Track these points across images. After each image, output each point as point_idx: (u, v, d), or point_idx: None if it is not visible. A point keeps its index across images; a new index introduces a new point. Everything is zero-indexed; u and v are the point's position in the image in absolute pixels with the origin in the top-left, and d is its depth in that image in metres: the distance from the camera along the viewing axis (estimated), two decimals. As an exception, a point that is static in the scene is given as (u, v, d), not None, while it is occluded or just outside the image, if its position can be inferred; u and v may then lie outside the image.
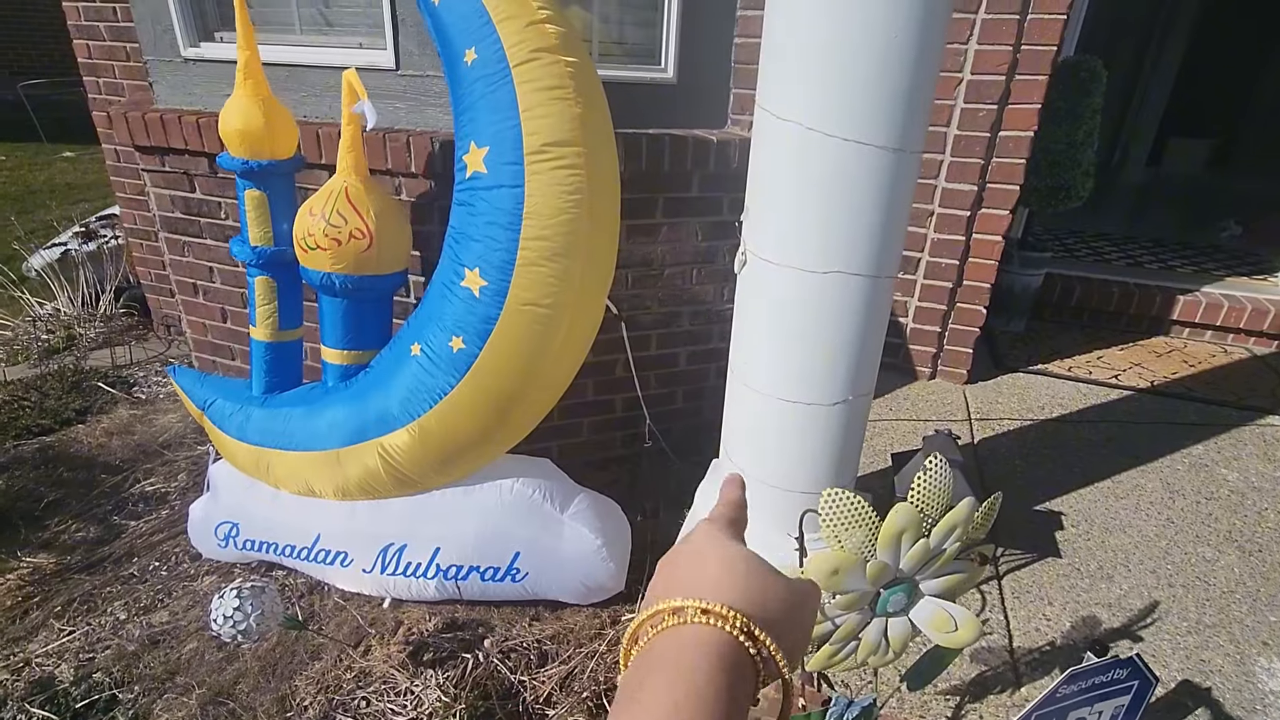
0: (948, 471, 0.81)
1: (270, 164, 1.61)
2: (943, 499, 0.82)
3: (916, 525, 0.79)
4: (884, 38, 0.95)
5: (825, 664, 0.90)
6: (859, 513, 0.79)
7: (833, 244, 1.06)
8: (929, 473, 0.80)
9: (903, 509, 0.78)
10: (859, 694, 1.26)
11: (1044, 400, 2.24)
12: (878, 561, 0.80)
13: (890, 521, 0.79)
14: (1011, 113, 1.97)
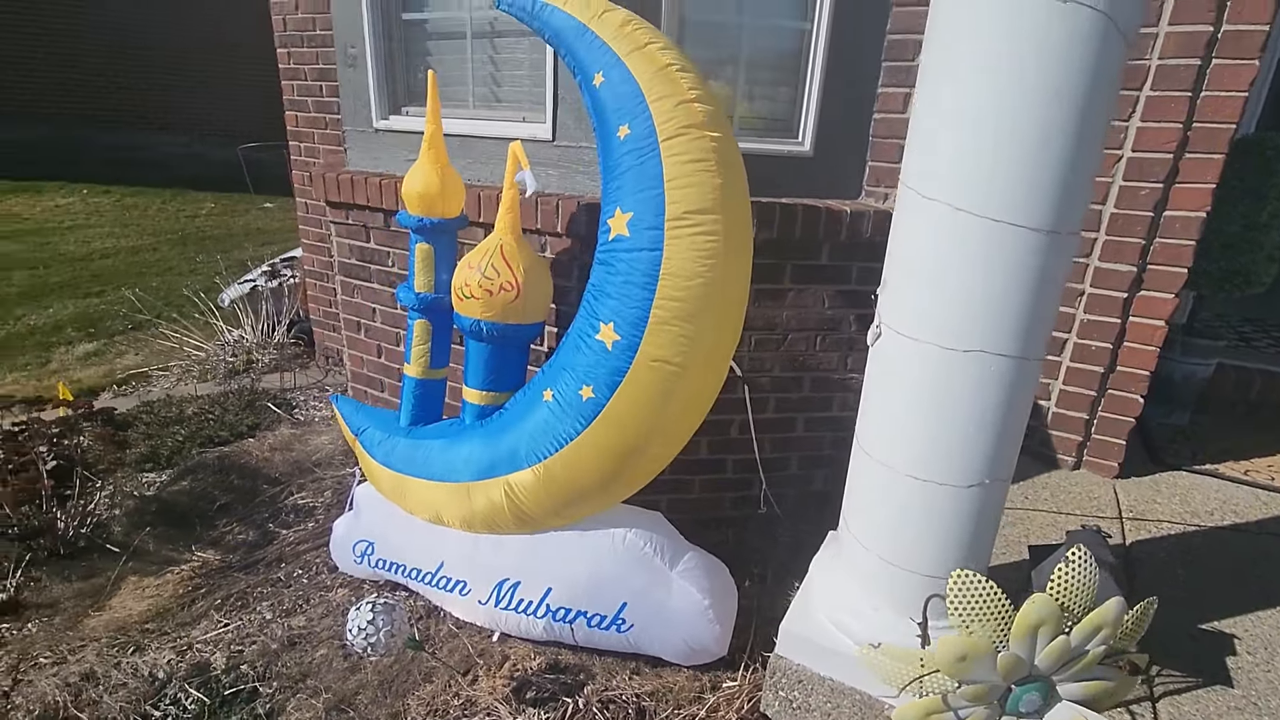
0: (1094, 567, 0.76)
1: (440, 222, 1.81)
2: (1087, 596, 0.76)
3: (1056, 620, 0.75)
4: (1041, 126, 0.95)
5: (949, 762, 0.85)
6: (993, 599, 0.75)
7: (977, 323, 1.04)
8: (1072, 564, 0.76)
9: (1041, 600, 0.74)
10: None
11: (1213, 505, 2.00)
12: (1010, 654, 0.76)
13: (1026, 612, 0.75)
14: (1179, 192, 1.85)
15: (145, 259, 6.72)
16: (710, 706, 1.65)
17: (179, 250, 7.04)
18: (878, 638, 1.12)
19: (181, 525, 2.37)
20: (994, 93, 0.99)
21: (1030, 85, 0.96)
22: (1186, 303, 2.62)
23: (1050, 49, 0.93)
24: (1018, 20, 0.94)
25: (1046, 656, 0.77)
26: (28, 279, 5.86)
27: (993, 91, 0.99)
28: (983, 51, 0.99)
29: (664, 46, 1.54)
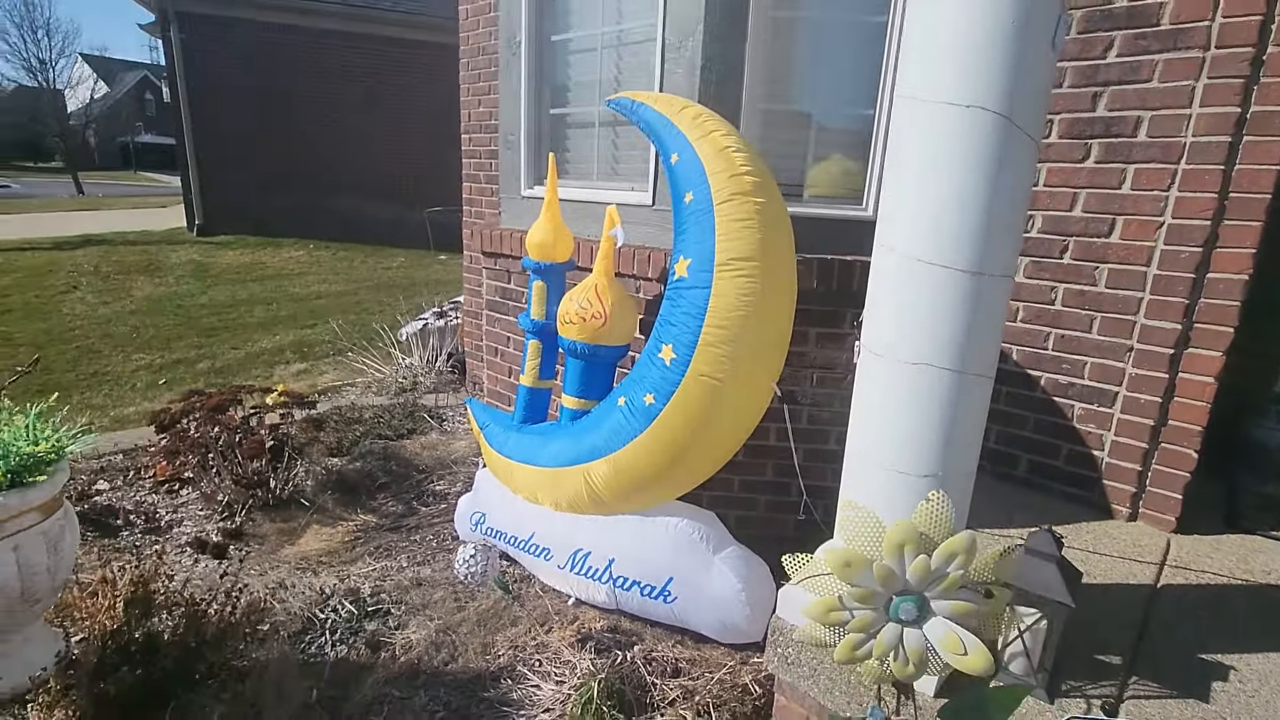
0: (950, 507, 1.04)
1: (551, 265, 2.37)
2: (944, 529, 1.04)
3: (915, 541, 1.03)
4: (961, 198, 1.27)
5: (849, 656, 1.14)
6: (871, 522, 1.06)
7: (913, 342, 1.35)
8: (931, 504, 1.05)
9: (901, 524, 1.04)
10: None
11: (1272, 567, 1.97)
12: (884, 565, 1.05)
13: (891, 533, 1.04)
14: (1220, 256, 1.96)
15: (349, 300, 8.14)
16: (732, 670, 1.93)
17: (374, 294, 8.43)
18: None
19: (352, 494, 3.05)
20: (933, 174, 1.33)
21: (954, 167, 1.29)
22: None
23: (963, 141, 1.26)
24: (940, 122, 1.28)
25: (914, 572, 1.05)
26: (264, 312, 7.35)
27: (932, 173, 1.33)
28: (919, 144, 1.33)
29: (726, 133, 2.00)
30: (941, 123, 1.27)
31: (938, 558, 1.03)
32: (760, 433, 2.37)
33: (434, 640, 2.14)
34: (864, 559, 1.05)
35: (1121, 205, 2.08)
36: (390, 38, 11.63)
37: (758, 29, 2.36)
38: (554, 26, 2.96)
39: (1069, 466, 2.31)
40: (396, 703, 1.91)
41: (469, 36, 4.04)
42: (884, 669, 1.11)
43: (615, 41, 2.76)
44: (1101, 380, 2.20)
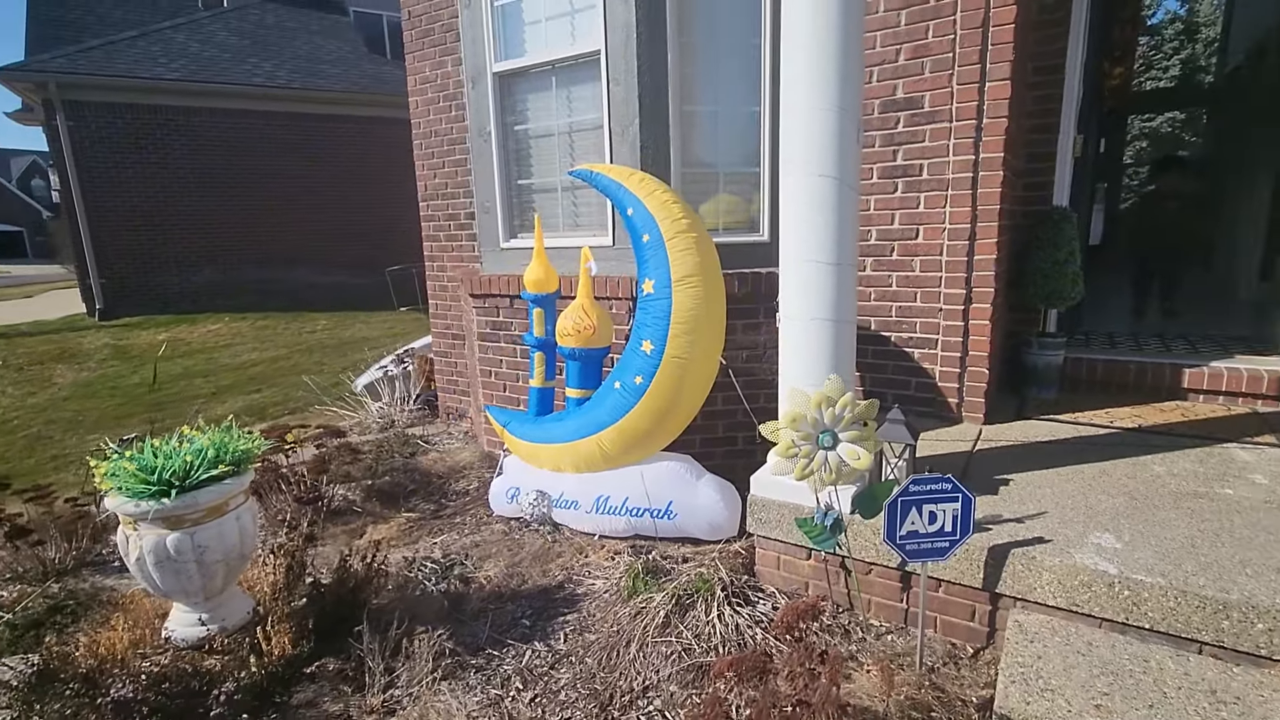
0: (842, 385, 2.04)
1: (546, 296, 3.26)
2: (839, 393, 2.04)
3: (826, 401, 2.02)
4: (824, 220, 2.32)
5: (801, 473, 2.10)
6: (805, 396, 2.03)
7: (811, 307, 2.37)
8: (830, 381, 2.04)
9: (817, 392, 2.02)
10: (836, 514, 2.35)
11: (1043, 433, 3.15)
12: (812, 415, 2.03)
13: (815, 397, 2.02)
14: (979, 246, 3.15)
15: (284, 364, 8.48)
16: (723, 549, 2.86)
17: (307, 357, 8.80)
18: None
19: (391, 500, 3.72)
20: (808, 211, 2.36)
21: (818, 207, 2.33)
22: (1048, 316, 3.86)
23: (818, 192, 2.31)
24: (809, 183, 2.32)
25: (828, 419, 2.03)
26: (205, 384, 7.61)
27: (807, 210, 2.36)
28: (801, 194, 2.37)
29: (665, 190, 2.99)
30: (810, 183, 2.32)
31: (838, 408, 2.00)
32: (711, 401, 3.34)
33: (506, 573, 2.91)
34: (802, 415, 2.00)
35: (920, 219, 3.26)
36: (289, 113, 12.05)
37: (676, 119, 3.41)
38: (517, 119, 3.89)
39: (917, 393, 3.44)
40: (496, 611, 2.67)
41: (420, 123, 4.87)
42: (819, 476, 2.06)
43: (569, 129, 3.73)
44: (927, 333, 3.36)
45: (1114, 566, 2.02)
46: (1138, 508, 2.38)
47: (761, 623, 2.41)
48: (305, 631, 2.34)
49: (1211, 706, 1.74)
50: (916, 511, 2.04)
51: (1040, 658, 1.96)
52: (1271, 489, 2.49)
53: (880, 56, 3.18)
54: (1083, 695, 1.81)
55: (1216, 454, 2.84)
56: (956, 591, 2.28)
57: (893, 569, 2.38)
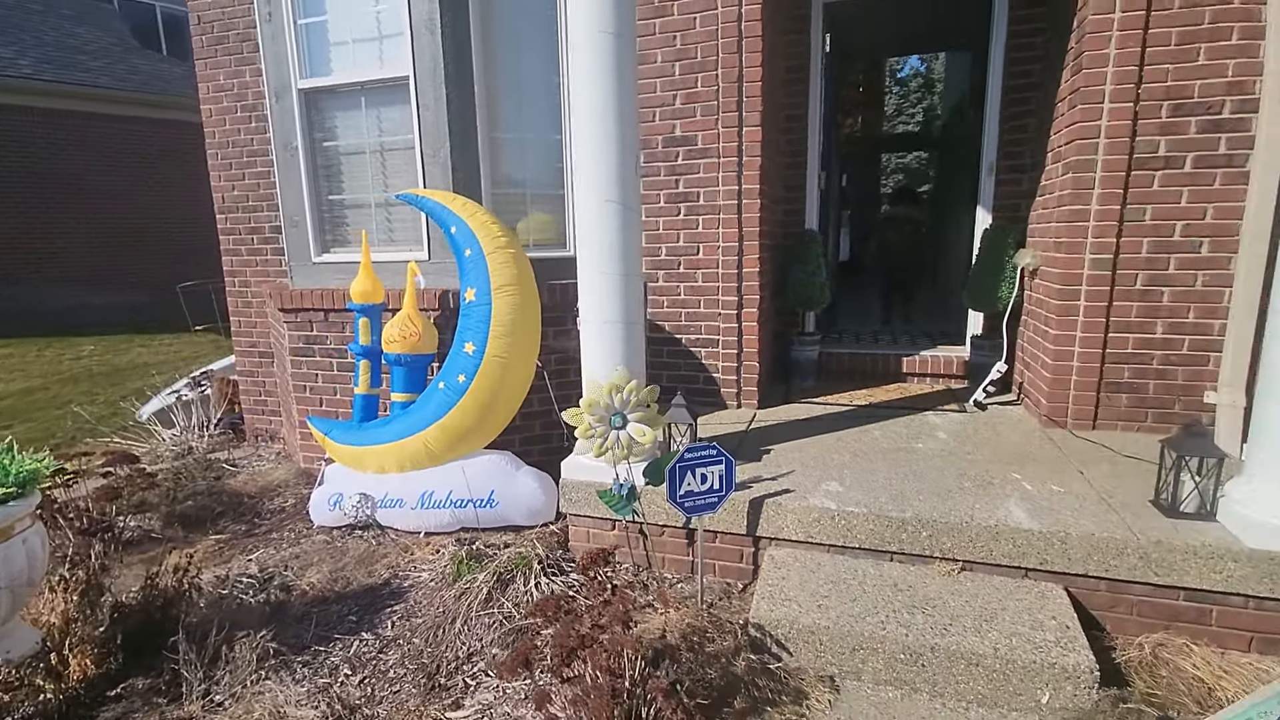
0: (629, 374, 2.47)
1: (373, 306, 3.39)
2: (625, 383, 2.46)
3: (611, 389, 2.43)
4: (609, 239, 2.75)
5: (599, 450, 2.50)
6: (600, 386, 2.43)
7: (605, 312, 2.79)
8: (618, 372, 2.46)
9: (608, 381, 2.43)
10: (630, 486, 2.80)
11: (801, 413, 3.88)
12: (605, 400, 2.43)
13: (605, 386, 2.43)
14: (746, 260, 3.81)
15: (42, 397, 7.41)
16: (542, 531, 3.19)
17: (72, 388, 7.76)
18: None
19: (196, 525, 3.57)
20: (598, 230, 2.78)
21: (608, 226, 2.76)
22: (807, 318, 4.67)
23: (605, 214, 2.74)
24: (600, 206, 2.75)
25: (618, 403, 2.44)
26: (-58, 422, 6.42)
27: (597, 230, 2.79)
28: (593, 215, 2.78)
29: (484, 212, 3.28)
30: (598, 206, 2.74)
31: (626, 393, 2.43)
32: (528, 403, 3.66)
33: (330, 578, 2.99)
34: (596, 400, 2.40)
35: (700, 238, 3.86)
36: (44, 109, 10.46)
37: (485, 144, 3.71)
38: (326, 135, 3.95)
39: (705, 386, 4.03)
40: (320, 613, 2.76)
41: (216, 132, 4.69)
42: (613, 453, 2.48)
43: (380, 148, 3.87)
44: (710, 334, 3.96)
45: (835, 504, 2.65)
46: (858, 461, 3.09)
47: (574, 586, 2.77)
48: (111, 650, 2.29)
49: (894, 593, 2.40)
50: (691, 475, 2.51)
51: (784, 579, 2.52)
52: (948, 442, 3.34)
53: (661, 100, 3.74)
54: (810, 599, 2.38)
55: (918, 420, 3.71)
56: (728, 540, 2.81)
57: (680, 528, 2.86)
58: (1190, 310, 3.09)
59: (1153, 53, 2.91)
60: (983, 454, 3.14)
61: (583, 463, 2.87)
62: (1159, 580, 2.28)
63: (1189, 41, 2.88)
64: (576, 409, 2.61)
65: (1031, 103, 3.94)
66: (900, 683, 2.20)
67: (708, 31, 3.57)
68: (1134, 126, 2.98)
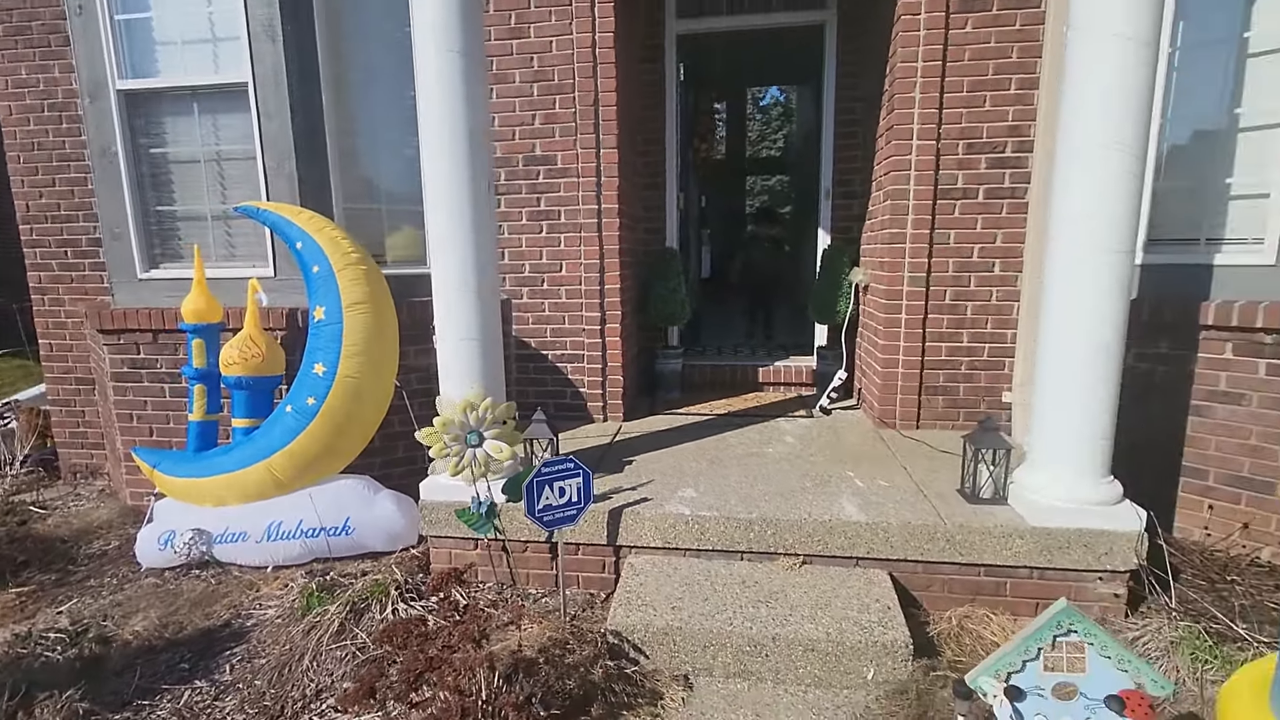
0: (483, 391, 2.47)
1: (208, 325, 3.15)
2: (480, 401, 2.47)
3: (469, 406, 2.43)
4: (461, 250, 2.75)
5: (455, 469, 2.47)
6: (454, 404, 2.41)
7: (461, 330, 2.78)
8: (472, 389, 2.46)
9: (462, 400, 2.43)
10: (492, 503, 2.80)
11: (664, 424, 4.03)
12: (461, 417, 2.42)
13: (459, 404, 2.42)
14: (608, 277, 3.93)
15: None
16: (401, 555, 3.09)
17: None
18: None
19: (-8, 576, 3.13)
20: (453, 247, 2.77)
21: (455, 243, 2.76)
22: (671, 333, 4.86)
23: (458, 232, 2.74)
24: (448, 222, 2.74)
25: (473, 421, 2.44)
26: None
27: (452, 247, 2.77)
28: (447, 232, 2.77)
29: (333, 227, 3.16)
30: (451, 224, 2.74)
31: (481, 410, 2.43)
32: (388, 424, 3.54)
33: (160, 624, 2.73)
34: (451, 419, 2.38)
35: (562, 256, 3.92)
36: None
37: (336, 156, 3.58)
38: (152, 141, 3.64)
39: (572, 400, 4.09)
40: (146, 663, 2.52)
41: (18, 133, 4.19)
42: (471, 471, 2.46)
43: (217, 157, 3.63)
44: (575, 350, 4.03)
45: (690, 510, 2.78)
46: (713, 468, 3.26)
47: (431, 610, 2.71)
48: None
49: (742, 590, 2.56)
50: (549, 489, 2.55)
51: (642, 585, 2.62)
52: (794, 446, 3.60)
53: (520, 119, 3.78)
54: (665, 603, 2.49)
55: (770, 426, 3.97)
56: (590, 551, 2.87)
57: (543, 543, 2.89)
58: (988, 321, 3.55)
59: (949, 98, 3.34)
60: (824, 455, 3.42)
61: (440, 482, 2.83)
62: (963, 560, 2.60)
63: (978, 90, 3.33)
64: (431, 428, 2.57)
65: (858, 136, 4.37)
66: (747, 674, 2.35)
67: (564, 55, 3.67)
68: (937, 161, 3.40)
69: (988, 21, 3.27)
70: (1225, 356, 2.94)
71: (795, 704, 2.24)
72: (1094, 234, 2.33)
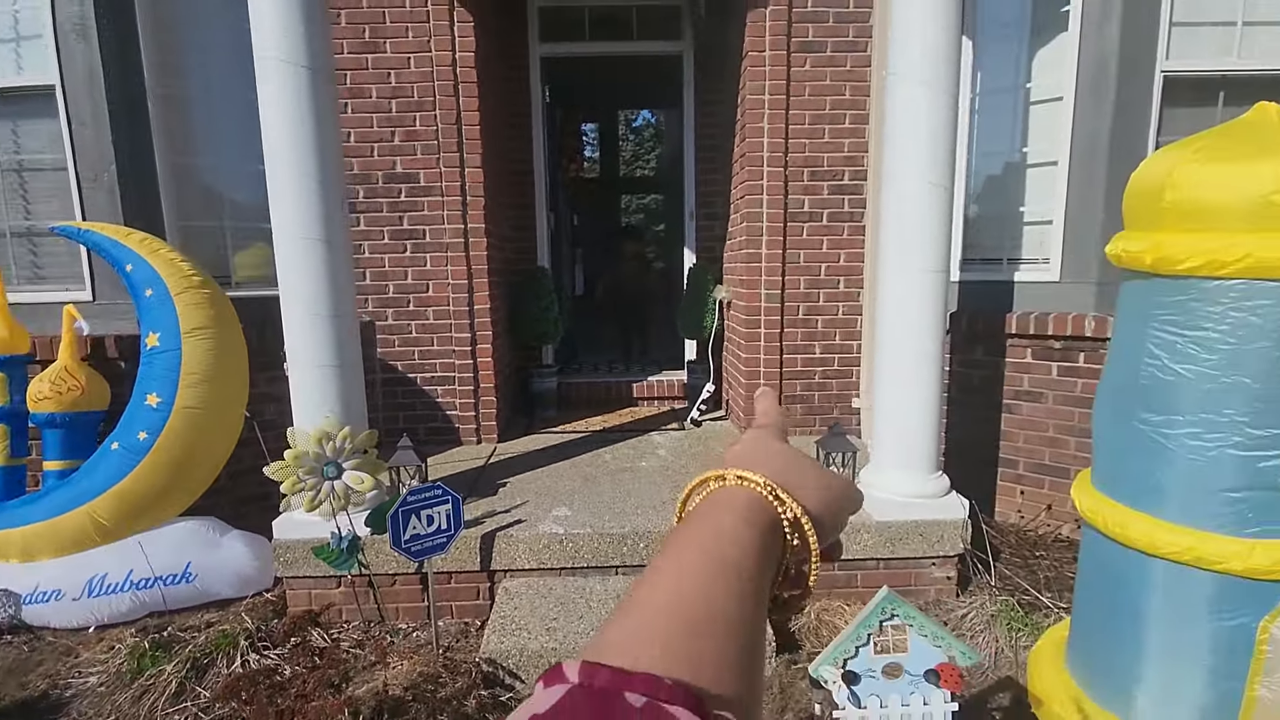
0: (339, 421, 2.36)
1: (11, 357, 2.77)
2: (336, 430, 2.35)
3: (325, 436, 2.31)
4: (318, 277, 2.62)
5: (310, 505, 2.34)
6: (305, 433, 2.28)
7: (317, 356, 2.63)
8: (327, 419, 2.34)
9: (316, 429, 2.30)
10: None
11: (540, 444, 4.02)
12: (315, 449, 2.29)
13: (313, 433, 2.29)
14: (477, 298, 3.87)
15: None
16: (252, 601, 2.86)
17: None
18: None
19: None
20: (304, 267, 2.63)
21: (308, 265, 2.62)
22: (546, 351, 4.86)
23: (310, 254, 2.61)
24: (301, 246, 2.61)
25: (330, 451, 2.32)
26: None
27: (303, 267, 2.63)
28: (288, 249, 2.62)
29: (169, 248, 2.90)
30: (303, 245, 2.60)
31: (338, 440, 2.31)
32: (238, 458, 3.27)
33: (-52, 706, 2.35)
34: (305, 451, 2.25)
35: (429, 275, 3.82)
36: None
37: (168, 170, 3.28)
38: (-67, 148, 3.16)
39: (444, 424, 3.98)
40: (-72, 754, 2.16)
41: None
42: (329, 505, 2.33)
43: (18, 166, 3.21)
44: (446, 372, 3.93)
45: (563, 529, 2.80)
46: (587, 484, 3.30)
47: (289, 658, 2.53)
48: None
49: (616, 604, 2.60)
50: (416, 518, 2.47)
51: (516, 608, 2.59)
52: (666, 458, 3.72)
53: (379, 135, 3.66)
54: (540, 624, 2.48)
55: (644, 440, 4.07)
56: (464, 578, 2.80)
57: (413, 574, 2.78)
58: (837, 334, 3.86)
59: (794, 129, 3.63)
60: (694, 466, 3.56)
61: (296, 519, 2.65)
62: (819, 556, 2.79)
63: (818, 123, 3.64)
64: (282, 462, 2.41)
65: (717, 161, 4.62)
66: (623, 686, 2.39)
67: (423, 72, 3.60)
68: (786, 187, 3.67)
69: (823, 62, 3.59)
70: (1026, 360, 3.39)
71: (668, 711, 2.30)
72: (912, 254, 2.62)
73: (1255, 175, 1.60)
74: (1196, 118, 3.20)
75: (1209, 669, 1.81)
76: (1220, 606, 1.77)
